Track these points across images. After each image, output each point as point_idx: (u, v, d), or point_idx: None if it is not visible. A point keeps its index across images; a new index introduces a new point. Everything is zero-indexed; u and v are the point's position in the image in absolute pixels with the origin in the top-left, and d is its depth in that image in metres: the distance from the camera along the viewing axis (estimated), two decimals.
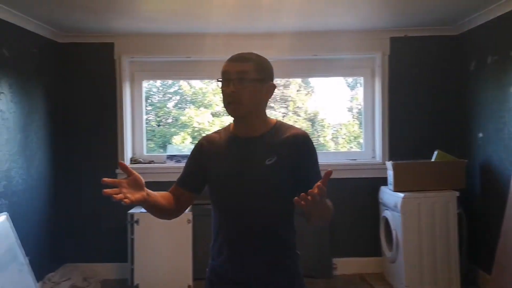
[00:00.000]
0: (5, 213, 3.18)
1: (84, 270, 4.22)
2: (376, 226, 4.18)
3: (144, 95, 4.60)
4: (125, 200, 1.38)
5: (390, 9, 3.64)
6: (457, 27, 4.14)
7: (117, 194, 1.38)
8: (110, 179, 1.42)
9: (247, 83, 1.59)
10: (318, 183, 1.34)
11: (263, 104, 1.68)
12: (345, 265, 4.29)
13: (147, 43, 4.28)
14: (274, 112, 5.07)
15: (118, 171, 4.31)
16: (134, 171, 1.48)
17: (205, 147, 1.74)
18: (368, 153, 4.50)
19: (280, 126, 1.70)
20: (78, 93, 4.34)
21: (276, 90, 1.71)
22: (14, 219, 3.23)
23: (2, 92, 3.35)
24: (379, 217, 4.16)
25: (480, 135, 3.90)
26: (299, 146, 1.63)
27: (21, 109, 3.62)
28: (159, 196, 1.63)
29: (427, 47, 4.29)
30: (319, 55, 4.36)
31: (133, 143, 4.51)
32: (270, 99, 1.71)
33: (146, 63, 4.51)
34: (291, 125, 1.72)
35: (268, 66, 1.68)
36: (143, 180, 1.49)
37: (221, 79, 1.64)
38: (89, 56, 4.32)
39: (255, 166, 1.63)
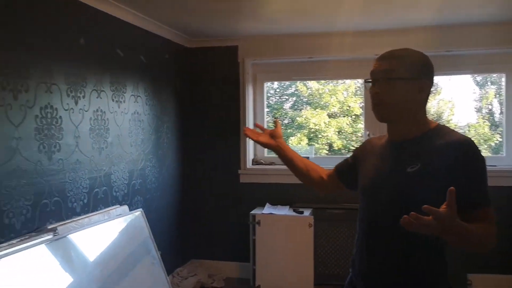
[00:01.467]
0: (140, 209, 3.38)
1: (209, 267, 4.37)
2: None
3: (265, 96, 4.63)
4: (251, 137, 1.85)
5: None
6: None
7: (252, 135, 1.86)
8: (260, 124, 2.00)
9: (393, 82, 1.44)
10: (443, 206, 1.14)
11: (416, 105, 1.48)
12: (481, 282, 3.88)
13: (269, 44, 4.29)
14: None
15: (240, 171, 4.40)
16: (267, 129, 1.91)
17: (364, 147, 1.71)
18: (510, 159, 4.03)
19: (439, 130, 1.47)
20: (204, 95, 4.50)
21: None
22: (148, 215, 3.43)
23: (139, 96, 3.58)
24: None
25: None
26: (458, 156, 1.37)
27: (154, 111, 3.84)
28: (299, 159, 1.87)
29: None
30: (453, 51, 3.99)
31: (255, 145, 4.56)
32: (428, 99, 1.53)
33: (268, 65, 4.53)
34: (453, 130, 1.47)
35: (421, 62, 1.49)
36: (280, 133, 1.87)
37: (369, 80, 1.51)
38: (214, 59, 4.46)
39: (394, 173, 1.46)
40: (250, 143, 4.46)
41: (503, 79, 4.11)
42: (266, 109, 4.66)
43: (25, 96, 2.40)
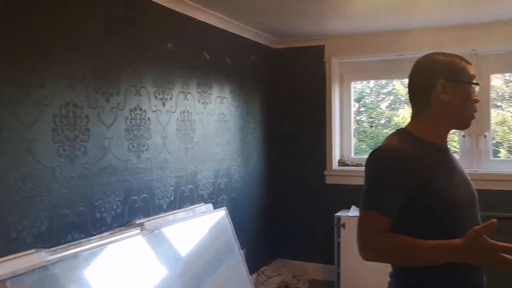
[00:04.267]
0: (224, 207, 3.47)
1: (294, 267, 4.36)
2: None
3: (352, 96, 4.51)
4: None
5: None
6: None
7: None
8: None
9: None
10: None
11: None
12: None
13: (356, 43, 4.18)
14: (502, 112, 4.37)
15: (326, 172, 4.33)
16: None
17: (410, 161, 1.33)
18: None
19: None
20: (289, 96, 4.50)
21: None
22: (233, 214, 3.51)
23: (224, 97, 3.68)
24: None
25: None
26: None
27: (240, 112, 3.92)
28: None
29: None
30: None
31: (341, 145, 4.46)
32: None
33: (356, 64, 4.42)
34: None
35: None
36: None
37: (476, 83, 1.41)
38: (300, 60, 4.44)
39: (468, 178, 1.46)
40: (336, 143, 4.37)
41: None
42: (360, 109, 4.53)
43: (116, 99, 2.58)
